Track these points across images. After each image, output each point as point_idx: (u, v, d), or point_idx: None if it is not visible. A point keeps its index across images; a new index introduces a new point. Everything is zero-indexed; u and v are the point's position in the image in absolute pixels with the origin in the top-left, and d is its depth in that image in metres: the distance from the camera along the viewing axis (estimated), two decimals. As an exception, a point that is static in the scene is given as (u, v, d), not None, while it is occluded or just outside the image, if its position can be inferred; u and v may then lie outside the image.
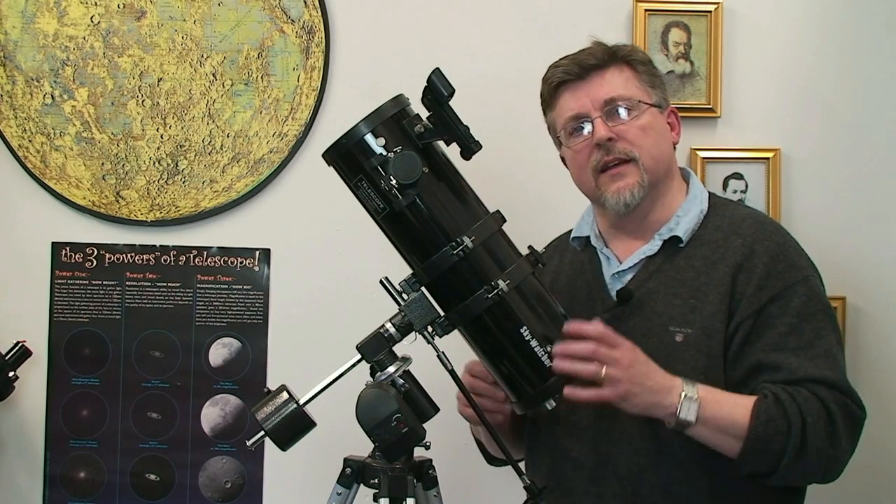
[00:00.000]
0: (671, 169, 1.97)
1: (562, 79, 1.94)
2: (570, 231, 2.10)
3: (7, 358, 2.48)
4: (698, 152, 2.60)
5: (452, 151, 1.79)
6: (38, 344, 2.62)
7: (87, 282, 2.68)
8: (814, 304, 1.85)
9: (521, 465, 2.07)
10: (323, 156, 1.81)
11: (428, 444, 1.81)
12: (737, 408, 1.76)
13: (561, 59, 1.97)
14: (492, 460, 2.17)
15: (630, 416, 1.84)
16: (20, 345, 2.50)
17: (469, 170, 1.82)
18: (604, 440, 1.89)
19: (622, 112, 1.91)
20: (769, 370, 1.80)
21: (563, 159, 2.03)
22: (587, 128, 1.92)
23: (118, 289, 2.68)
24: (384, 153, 1.73)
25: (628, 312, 1.88)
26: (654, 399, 1.74)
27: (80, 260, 2.68)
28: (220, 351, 2.68)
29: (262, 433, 1.78)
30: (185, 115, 2.67)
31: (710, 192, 2.02)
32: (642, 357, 1.76)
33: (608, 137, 1.89)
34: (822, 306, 1.87)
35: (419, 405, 1.80)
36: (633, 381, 1.73)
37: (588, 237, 2.04)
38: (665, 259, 1.93)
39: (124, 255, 2.69)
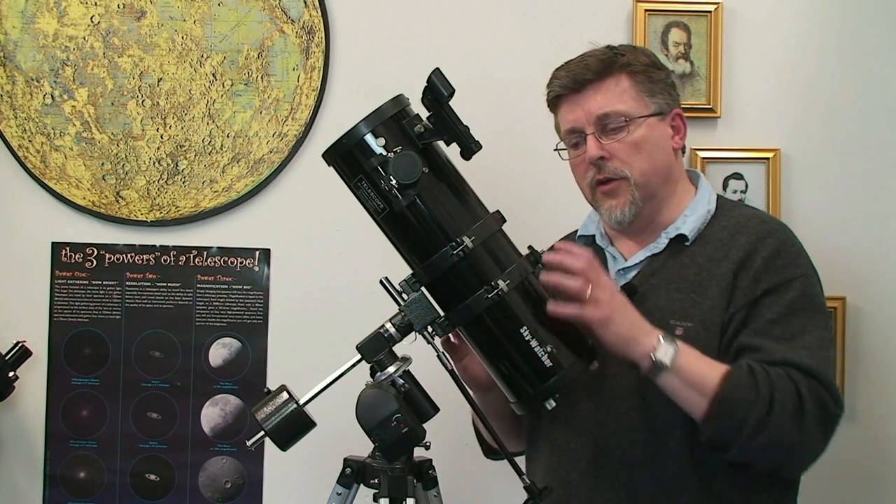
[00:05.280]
0: (671, 176, 1.98)
1: (558, 92, 1.96)
2: (576, 230, 2.12)
3: (7, 358, 2.48)
4: (698, 152, 2.60)
5: (452, 151, 1.79)
6: (38, 344, 2.62)
7: (87, 282, 2.68)
8: (806, 301, 1.85)
9: (521, 459, 2.08)
10: (323, 156, 1.81)
11: (428, 444, 1.81)
12: (711, 368, 1.78)
13: (560, 69, 1.97)
14: (489, 453, 2.17)
15: (627, 409, 1.88)
16: (20, 345, 2.50)
17: (469, 170, 1.82)
18: (601, 432, 1.90)
19: (614, 128, 1.91)
20: (749, 351, 1.81)
21: None
22: (582, 142, 1.94)
23: (118, 289, 2.68)
24: (384, 153, 1.73)
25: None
26: (633, 333, 1.76)
27: (80, 260, 2.68)
28: (220, 351, 2.68)
29: (262, 433, 1.78)
30: (185, 115, 2.67)
31: (718, 195, 2.03)
32: (623, 297, 1.80)
33: (599, 156, 1.91)
34: (814, 306, 1.87)
35: (419, 405, 1.80)
36: (615, 308, 1.75)
37: (594, 236, 2.06)
38: (669, 256, 1.94)
39: (124, 255, 2.69)
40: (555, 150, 2.01)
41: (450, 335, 1.91)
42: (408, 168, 1.72)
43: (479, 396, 2.02)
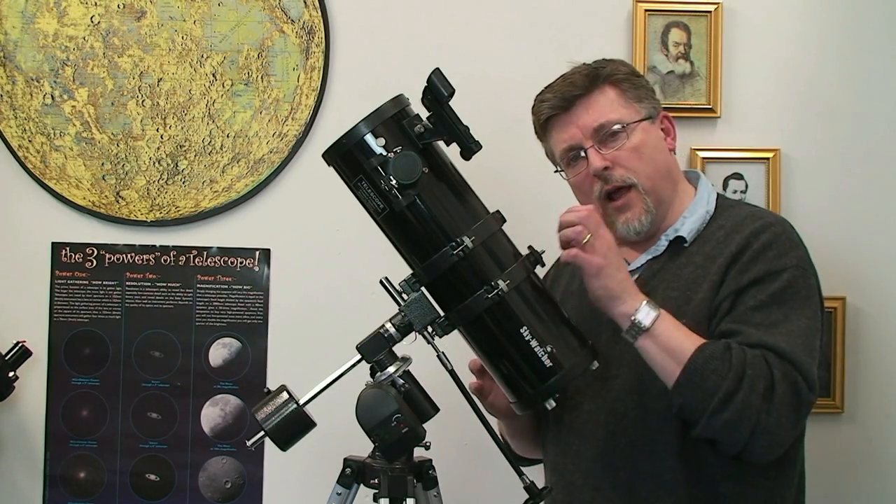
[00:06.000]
0: (673, 177, 2.00)
1: (549, 114, 1.98)
2: None
3: (7, 358, 2.48)
4: (698, 152, 2.60)
5: (452, 151, 1.79)
6: (38, 344, 2.62)
7: (87, 282, 2.68)
8: (793, 293, 1.85)
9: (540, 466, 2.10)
10: (323, 156, 1.81)
11: (428, 444, 1.81)
12: (689, 338, 1.79)
13: (545, 93, 1.99)
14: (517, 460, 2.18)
15: (626, 409, 1.89)
16: (20, 345, 2.50)
17: (469, 170, 1.82)
18: (602, 434, 1.92)
19: (613, 136, 1.93)
20: (729, 336, 1.82)
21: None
22: (583, 157, 1.95)
23: (118, 289, 2.68)
24: (384, 153, 1.73)
25: None
26: (620, 290, 1.79)
27: (80, 260, 2.68)
28: (220, 351, 2.68)
29: (262, 433, 1.78)
30: (185, 115, 2.67)
31: (718, 194, 2.04)
32: (620, 256, 1.83)
33: (603, 167, 1.93)
34: (800, 297, 1.86)
35: (419, 405, 1.80)
36: (609, 261, 1.78)
37: None
38: (669, 258, 1.96)
39: (124, 256, 2.69)
40: (555, 171, 2.03)
41: (476, 379, 1.97)
42: (408, 168, 1.72)
43: (507, 423, 2.08)
